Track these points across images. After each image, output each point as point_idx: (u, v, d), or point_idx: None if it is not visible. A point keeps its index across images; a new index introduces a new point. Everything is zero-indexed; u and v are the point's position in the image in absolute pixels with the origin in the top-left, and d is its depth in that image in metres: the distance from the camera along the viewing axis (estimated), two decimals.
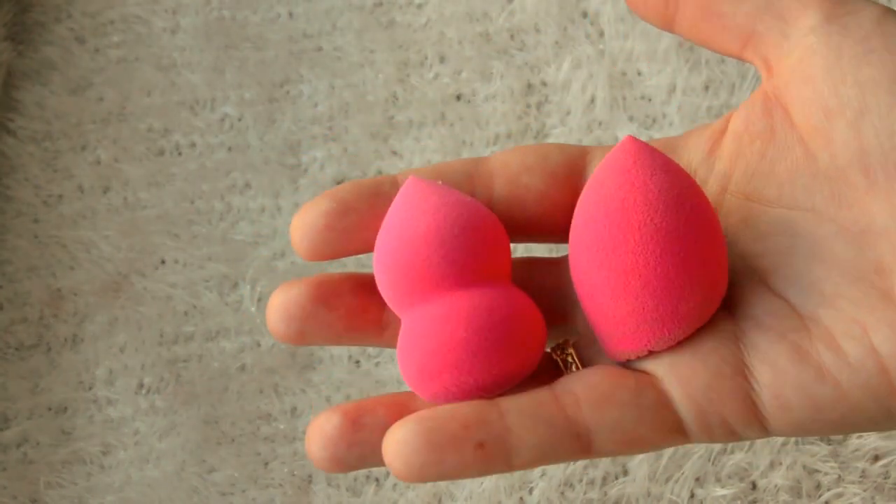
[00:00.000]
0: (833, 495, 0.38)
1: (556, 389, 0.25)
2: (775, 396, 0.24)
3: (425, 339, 0.24)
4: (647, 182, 0.24)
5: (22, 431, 0.42)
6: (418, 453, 0.23)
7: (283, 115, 0.47)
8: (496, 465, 0.23)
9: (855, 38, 0.23)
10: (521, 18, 0.48)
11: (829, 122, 0.24)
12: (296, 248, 0.26)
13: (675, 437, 0.25)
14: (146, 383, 0.43)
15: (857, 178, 0.24)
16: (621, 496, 0.39)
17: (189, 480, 0.41)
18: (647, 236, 0.24)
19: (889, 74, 0.23)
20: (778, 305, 0.25)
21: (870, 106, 0.23)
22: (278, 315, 0.26)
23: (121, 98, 0.48)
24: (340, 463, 0.25)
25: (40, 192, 0.46)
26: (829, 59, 0.24)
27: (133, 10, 0.50)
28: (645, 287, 0.24)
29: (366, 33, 0.49)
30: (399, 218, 0.25)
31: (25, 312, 0.44)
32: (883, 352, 0.23)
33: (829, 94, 0.24)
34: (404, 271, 0.25)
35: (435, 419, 0.23)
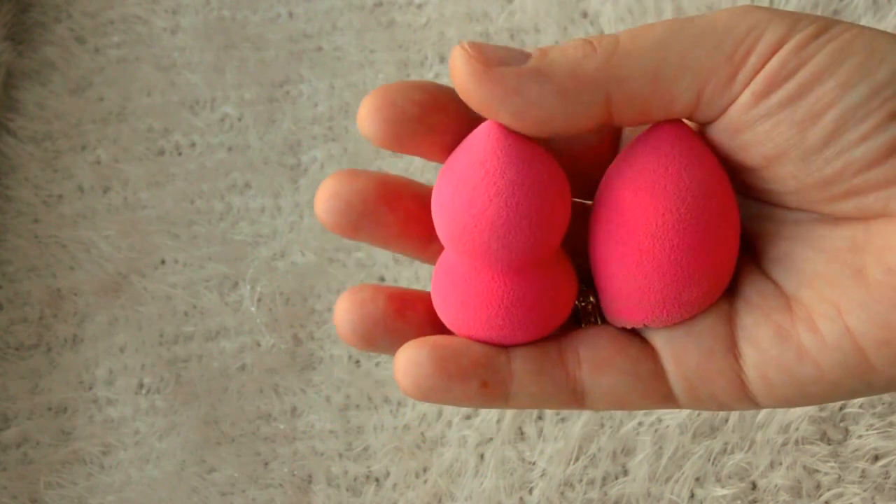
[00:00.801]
0: (833, 495, 0.38)
1: (563, 345, 0.26)
2: (760, 376, 0.25)
3: (459, 304, 0.25)
4: (680, 171, 0.24)
5: (22, 431, 0.42)
6: (428, 377, 0.24)
7: (283, 115, 0.47)
8: (495, 403, 0.25)
9: (780, 81, 0.23)
10: (521, 18, 0.48)
11: (771, 163, 0.24)
12: (368, 130, 0.24)
13: (664, 405, 0.26)
14: (146, 383, 0.43)
15: (816, 194, 0.24)
16: (621, 496, 0.39)
17: (189, 480, 0.41)
18: (668, 223, 0.24)
19: (827, 103, 0.23)
20: (766, 286, 0.25)
21: (811, 140, 0.23)
22: (336, 203, 0.25)
23: (121, 98, 0.48)
24: (371, 344, 0.26)
25: (40, 192, 0.46)
26: (758, 110, 0.23)
27: (133, 10, 0.50)
28: (656, 270, 0.24)
29: (366, 33, 0.49)
30: (469, 180, 0.24)
31: (25, 312, 0.44)
32: (857, 331, 0.23)
33: (763, 141, 0.24)
34: (462, 240, 0.24)
35: (448, 349, 0.25)
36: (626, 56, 0.23)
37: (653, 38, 0.23)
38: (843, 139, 0.23)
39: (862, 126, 0.23)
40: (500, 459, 0.40)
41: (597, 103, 0.23)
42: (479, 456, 0.40)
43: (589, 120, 0.24)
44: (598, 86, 0.23)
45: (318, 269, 0.44)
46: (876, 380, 0.24)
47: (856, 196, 0.23)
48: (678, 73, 0.23)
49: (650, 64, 0.23)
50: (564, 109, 0.23)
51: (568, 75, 0.23)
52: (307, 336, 0.43)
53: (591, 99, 0.23)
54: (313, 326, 0.43)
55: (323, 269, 0.44)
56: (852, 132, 0.23)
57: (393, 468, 0.40)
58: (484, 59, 0.23)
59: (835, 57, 0.23)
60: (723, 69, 0.23)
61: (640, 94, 0.23)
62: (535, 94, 0.23)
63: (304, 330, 0.43)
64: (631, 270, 0.25)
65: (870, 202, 0.23)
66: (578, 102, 0.23)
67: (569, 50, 0.23)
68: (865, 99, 0.23)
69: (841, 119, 0.23)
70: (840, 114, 0.23)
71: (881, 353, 0.23)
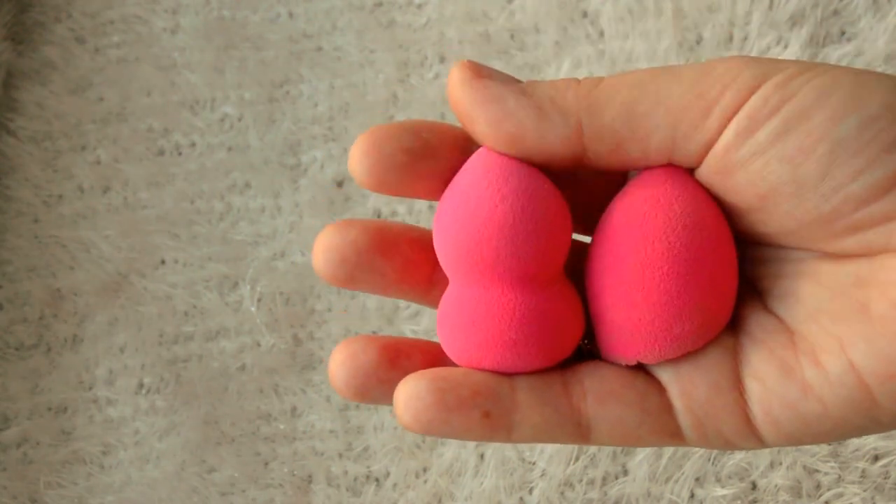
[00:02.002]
0: (833, 495, 0.38)
1: (568, 377, 0.25)
2: (765, 412, 0.24)
3: (474, 327, 0.25)
4: (672, 202, 0.24)
5: (22, 431, 0.42)
6: (428, 410, 0.24)
7: (283, 115, 0.47)
8: (497, 435, 0.24)
9: (764, 118, 0.23)
10: (521, 18, 0.48)
11: (766, 203, 0.24)
12: (356, 172, 0.25)
13: (671, 441, 0.25)
14: (146, 383, 0.43)
15: (817, 232, 0.24)
16: (621, 496, 0.39)
17: (189, 480, 0.41)
18: (658, 252, 0.24)
19: (818, 137, 0.23)
20: (770, 322, 0.25)
21: (805, 175, 0.23)
22: (330, 255, 0.25)
23: (121, 98, 0.48)
24: (365, 396, 0.25)
25: (40, 192, 0.46)
26: (744, 150, 0.23)
27: (133, 10, 0.50)
28: (645, 300, 0.24)
29: (366, 33, 0.49)
30: (475, 192, 0.24)
31: (25, 312, 0.44)
32: (861, 367, 0.23)
33: (755, 180, 0.23)
34: (470, 252, 0.24)
35: (449, 380, 0.24)
36: (603, 90, 0.24)
37: (632, 78, 0.24)
38: (838, 173, 0.22)
39: (856, 160, 0.22)
40: (500, 459, 0.40)
41: (568, 127, 0.24)
42: (479, 456, 0.40)
43: (560, 144, 0.24)
44: (572, 112, 0.24)
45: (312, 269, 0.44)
46: (881, 416, 0.23)
47: (857, 232, 0.23)
48: (651, 108, 0.24)
49: (624, 98, 0.24)
50: (537, 126, 0.24)
51: (547, 98, 0.24)
52: (307, 336, 0.43)
53: (564, 122, 0.24)
54: (313, 326, 0.43)
55: None
56: (846, 166, 0.22)
57: (393, 468, 0.40)
58: (476, 71, 0.24)
59: (821, 91, 0.23)
60: (695, 105, 0.23)
61: (612, 126, 0.24)
62: (511, 105, 0.24)
63: (304, 330, 0.43)
64: (622, 302, 0.24)
65: (872, 238, 0.23)
66: (551, 123, 0.24)
67: (557, 82, 0.24)
68: (857, 131, 0.22)
69: (833, 153, 0.22)
70: (831, 147, 0.22)
71: (885, 389, 0.23)
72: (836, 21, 0.45)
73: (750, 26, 0.45)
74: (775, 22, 0.45)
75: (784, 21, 0.45)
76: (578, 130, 0.24)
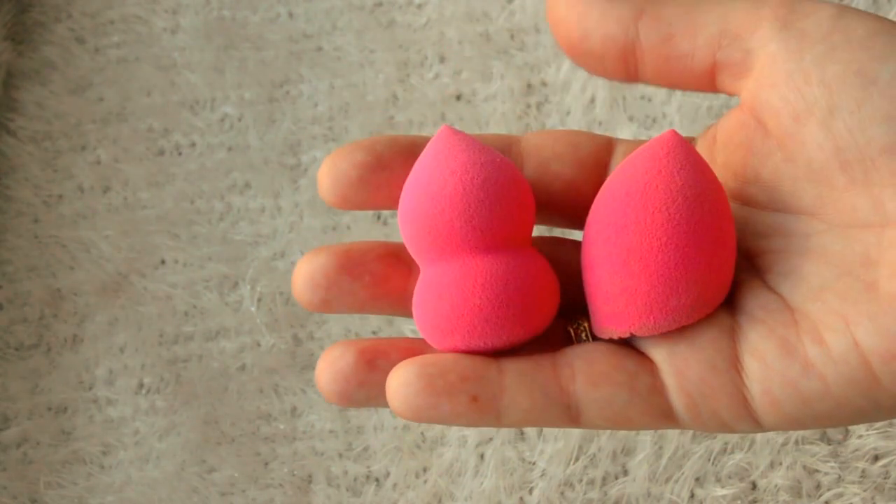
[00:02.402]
0: (833, 495, 0.38)
1: (557, 359, 0.25)
2: (764, 391, 0.24)
3: (441, 300, 0.25)
4: (673, 173, 0.24)
5: (22, 431, 0.42)
6: (417, 396, 0.24)
7: (283, 115, 0.47)
8: (486, 419, 0.25)
9: (814, 39, 0.24)
10: (521, 18, 0.48)
11: (800, 125, 0.24)
12: (324, 195, 0.26)
13: (663, 423, 0.25)
14: (146, 383, 0.43)
15: (837, 176, 0.24)
16: (621, 496, 0.39)
17: (189, 480, 0.41)
18: (658, 222, 0.24)
19: (854, 69, 0.23)
20: (771, 300, 0.25)
21: (838, 103, 0.23)
22: (304, 282, 0.27)
23: (121, 98, 0.48)
24: (348, 399, 0.26)
25: (40, 192, 0.46)
26: (791, 64, 0.24)
27: (133, 10, 0.50)
28: (643, 271, 0.24)
29: (366, 33, 0.49)
30: (428, 170, 0.25)
31: (25, 312, 0.44)
32: (865, 345, 0.23)
33: (794, 97, 0.24)
34: (428, 229, 0.25)
35: (437, 366, 0.25)
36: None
37: None
38: (868, 110, 0.23)
39: (887, 104, 0.23)
40: (500, 459, 0.40)
41: (634, 8, 0.25)
42: (479, 456, 0.40)
43: (617, 24, 0.25)
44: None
45: None
46: (882, 397, 0.23)
47: (874, 186, 0.23)
48: (708, 5, 0.25)
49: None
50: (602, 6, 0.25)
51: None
52: (307, 336, 0.43)
53: (631, 3, 0.25)
54: (313, 326, 0.43)
55: None
56: (877, 108, 0.23)
57: (393, 468, 0.40)
58: None
59: (870, 31, 0.23)
60: (750, 12, 0.24)
61: (668, 18, 0.25)
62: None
63: (304, 330, 0.43)
64: (618, 271, 0.24)
65: (886, 198, 0.23)
66: (613, 3, 0.25)
67: None
68: (894, 76, 0.23)
69: (868, 90, 0.23)
70: (867, 83, 0.23)
71: (888, 368, 0.23)
72: None
73: None
74: None
75: None
76: (637, 14, 0.25)
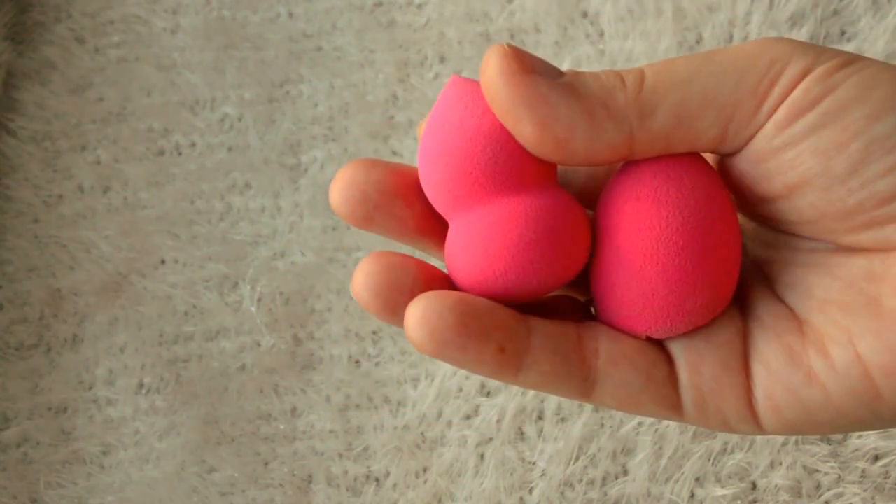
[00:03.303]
0: (833, 495, 0.38)
1: (583, 330, 0.25)
2: (767, 397, 0.24)
3: (475, 246, 0.24)
4: (682, 177, 0.24)
5: (22, 431, 0.42)
6: (447, 331, 0.23)
7: (283, 115, 0.47)
8: (506, 374, 0.24)
9: (803, 108, 0.23)
10: (522, 18, 0.48)
11: (793, 193, 0.24)
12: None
13: (669, 414, 0.25)
14: (146, 383, 0.43)
15: (834, 225, 0.24)
16: (621, 496, 0.39)
17: (189, 480, 0.41)
18: (672, 226, 0.24)
19: (851, 132, 0.23)
20: (779, 309, 0.25)
21: (836, 170, 0.23)
22: (351, 192, 0.25)
23: (121, 98, 0.48)
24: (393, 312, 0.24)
25: (40, 192, 0.46)
26: (780, 139, 0.23)
27: (133, 10, 0.50)
28: (660, 275, 0.24)
29: (366, 33, 0.49)
30: (449, 116, 0.24)
31: (25, 312, 0.44)
32: (867, 359, 0.23)
33: (786, 170, 0.24)
34: (455, 172, 0.24)
35: (474, 306, 0.23)
36: (651, 92, 0.23)
37: (676, 74, 0.23)
38: (868, 170, 0.23)
39: (888, 158, 0.22)
40: (500, 459, 0.40)
41: (621, 133, 0.23)
42: (479, 456, 0.40)
43: (608, 150, 0.23)
44: (624, 118, 0.23)
45: (318, 269, 0.44)
46: (883, 409, 0.24)
47: (875, 227, 0.23)
48: (702, 110, 0.23)
49: (674, 100, 0.23)
50: (588, 133, 0.23)
51: (599, 101, 0.23)
52: (307, 336, 0.43)
53: (617, 129, 0.23)
54: (313, 326, 0.43)
55: (323, 269, 0.44)
56: (878, 163, 0.23)
57: (393, 468, 0.40)
58: (520, 62, 0.23)
59: (862, 87, 0.23)
60: (747, 102, 0.23)
61: (663, 131, 0.23)
62: (564, 108, 0.23)
63: (304, 330, 0.43)
64: (634, 276, 0.24)
65: (888, 234, 0.23)
66: (603, 129, 0.23)
67: (601, 77, 0.24)
68: (893, 129, 0.22)
69: (867, 150, 0.23)
70: (867, 144, 0.23)
71: (890, 382, 0.23)
72: (836, 21, 0.45)
73: (750, 26, 0.45)
74: (775, 22, 0.45)
75: (784, 21, 0.45)
76: (630, 137, 0.23)
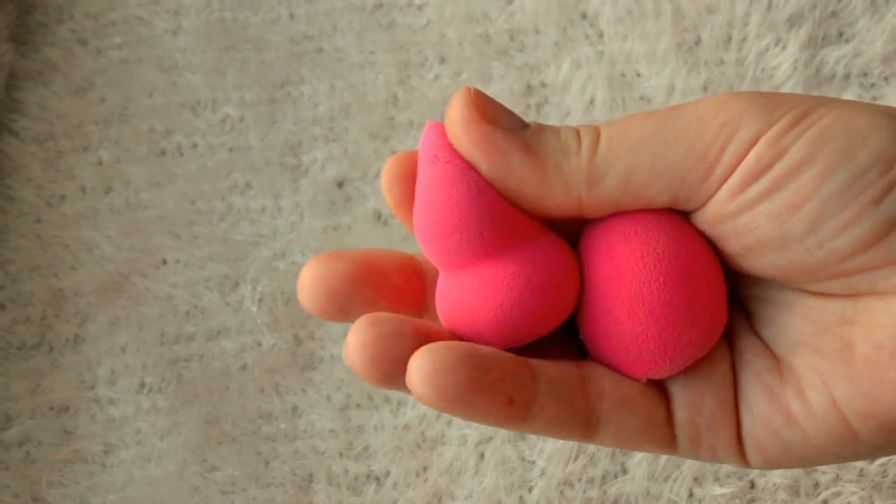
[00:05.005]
0: (831, 494, 0.38)
1: (585, 372, 0.25)
2: (749, 435, 0.25)
3: (459, 307, 0.24)
4: (648, 215, 0.24)
5: (24, 431, 0.42)
6: (457, 387, 0.22)
7: (284, 115, 0.48)
8: (512, 424, 0.23)
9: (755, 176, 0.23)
10: (521, 19, 0.48)
11: (751, 253, 0.24)
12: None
13: (663, 450, 0.25)
14: (147, 383, 0.43)
15: (800, 278, 0.24)
16: (620, 495, 0.39)
17: (190, 479, 0.41)
18: (650, 265, 0.24)
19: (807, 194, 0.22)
20: (757, 345, 0.25)
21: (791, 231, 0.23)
22: (319, 290, 0.25)
23: (122, 99, 0.48)
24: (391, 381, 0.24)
25: (42, 193, 0.47)
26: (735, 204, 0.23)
27: (135, 12, 0.50)
28: (650, 314, 0.24)
29: (366, 34, 0.49)
30: (423, 180, 0.24)
31: (27, 312, 0.44)
32: (842, 404, 0.23)
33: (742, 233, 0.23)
34: (437, 247, 0.24)
35: (482, 358, 0.23)
36: (602, 158, 0.23)
37: (628, 139, 0.23)
38: (825, 228, 0.22)
39: (843, 214, 0.22)
40: (499, 458, 0.40)
41: (569, 198, 0.24)
42: (479, 455, 0.40)
43: (557, 208, 0.24)
44: (574, 184, 0.23)
45: None
46: (860, 448, 0.24)
47: (841, 278, 0.23)
48: (650, 178, 0.23)
49: (622, 169, 0.23)
50: (537, 190, 0.24)
51: (552, 161, 0.23)
52: (308, 336, 0.43)
53: (565, 192, 0.24)
54: (314, 326, 0.43)
55: None
56: (833, 221, 0.22)
57: (393, 467, 0.40)
58: (482, 109, 0.24)
59: (813, 146, 0.22)
60: (696, 169, 0.23)
61: (612, 198, 0.24)
62: (515, 164, 0.23)
63: (304, 330, 0.43)
64: (623, 322, 0.24)
65: (856, 282, 0.23)
66: (552, 189, 0.23)
67: (560, 135, 0.24)
68: (846, 186, 0.22)
69: (821, 209, 0.22)
70: (820, 203, 0.22)
71: (867, 426, 0.23)
72: (835, 22, 0.45)
73: (748, 27, 0.45)
74: (774, 23, 0.45)
75: (782, 22, 0.45)
76: (578, 200, 0.24)
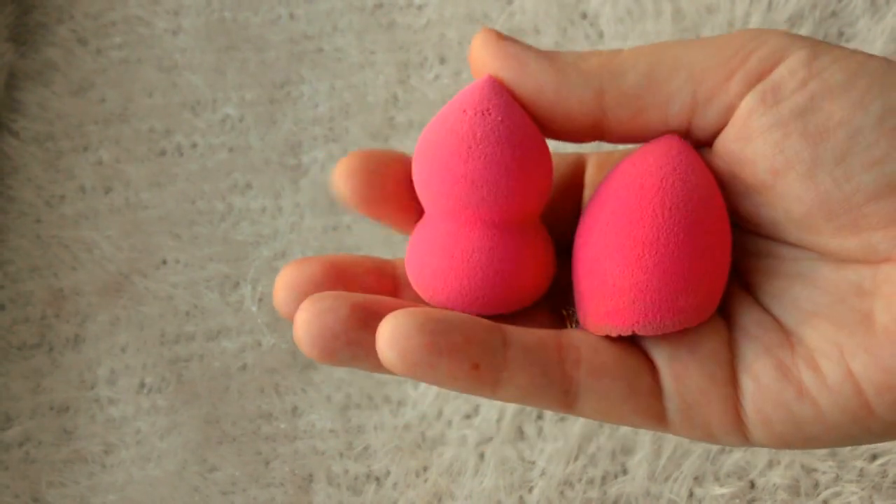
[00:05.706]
0: (831, 494, 0.38)
1: (562, 339, 0.25)
2: (757, 410, 0.24)
3: (430, 258, 0.25)
4: (687, 171, 0.24)
5: (24, 431, 0.42)
6: (417, 350, 0.22)
7: (284, 115, 0.48)
8: (482, 390, 0.23)
9: (790, 89, 0.23)
10: (521, 19, 0.48)
11: (778, 178, 0.23)
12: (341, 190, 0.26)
13: (653, 425, 0.25)
14: (147, 383, 0.43)
15: (821, 224, 0.24)
16: (620, 495, 0.39)
17: (190, 479, 0.41)
18: (676, 218, 0.24)
19: (837, 119, 0.22)
20: (764, 319, 0.25)
21: (822, 155, 0.23)
22: (289, 294, 0.26)
23: (122, 99, 0.48)
24: (331, 356, 0.24)
25: (42, 193, 0.47)
26: (767, 118, 0.23)
27: (135, 12, 0.50)
28: (658, 265, 0.24)
29: (366, 34, 0.49)
30: (456, 128, 0.24)
31: (27, 312, 0.44)
32: (860, 376, 0.23)
33: (772, 152, 0.23)
34: (438, 188, 0.24)
35: (443, 322, 0.23)
36: (626, 56, 0.24)
37: (655, 46, 0.24)
38: (854, 160, 0.22)
39: (873, 150, 0.22)
40: (500, 459, 0.40)
41: (589, 89, 0.24)
42: (479, 455, 0.40)
43: (578, 106, 0.24)
44: (593, 75, 0.24)
45: None
46: (875, 425, 0.23)
47: (862, 231, 0.23)
48: (672, 72, 0.24)
49: (645, 63, 0.24)
50: (557, 88, 0.24)
51: (568, 62, 0.24)
52: None
53: (585, 84, 0.24)
54: None
55: None
56: (863, 155, 0.22)
57: (393, 467, 0.40)
58: (499, 35, 0.25)
59: (849, 73, 0.22)
60: (718, 69, 0.23)
61: (633, 91, 0.24)
62: (532, 66, 0.24)
63: None
64: (630, 263, 0.24)
65: (876, 241, 0.23)
66: (571, 85, 0.24)
67: (580, 52, 0.25)
68: (879, 120, 0.22)
69: (852, 138, 0.22)
70: (852, 132, 0.22)
71: (883, 399, 0.23)
72: (835, 22, 0.45)
73: (749, 27, 0.45)
74: (774, 23, 0.45)
75: (783, 22, 0.45)
76: (599, 94, 0.24)
